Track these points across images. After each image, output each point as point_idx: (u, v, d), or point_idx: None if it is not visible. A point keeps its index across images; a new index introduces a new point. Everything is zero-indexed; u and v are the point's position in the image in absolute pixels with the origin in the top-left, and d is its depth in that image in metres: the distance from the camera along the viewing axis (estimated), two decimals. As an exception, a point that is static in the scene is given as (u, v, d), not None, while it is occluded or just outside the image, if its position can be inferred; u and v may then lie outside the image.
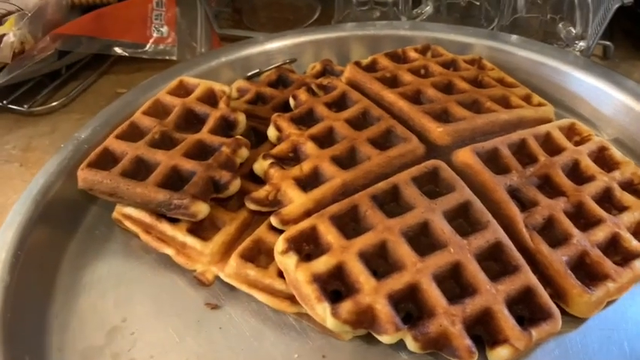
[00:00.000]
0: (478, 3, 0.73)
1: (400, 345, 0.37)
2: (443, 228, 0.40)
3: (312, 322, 0.41)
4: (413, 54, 0.60)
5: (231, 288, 0.44)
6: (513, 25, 0.69)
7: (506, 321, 0.36)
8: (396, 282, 0.37)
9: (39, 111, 0.69)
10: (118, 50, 0.69)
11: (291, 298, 0.41)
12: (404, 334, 0.36)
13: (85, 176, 0.48)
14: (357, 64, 0.57)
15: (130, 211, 0.47)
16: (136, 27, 0.69)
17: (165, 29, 0.70)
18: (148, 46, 0.70)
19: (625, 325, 0.41)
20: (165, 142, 0.50)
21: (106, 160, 0.49)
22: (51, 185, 0.50)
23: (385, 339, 0.36)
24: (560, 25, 0.64)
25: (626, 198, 0.45)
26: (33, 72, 0.68)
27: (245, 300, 0.44)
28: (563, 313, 0.40)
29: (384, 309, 0.36)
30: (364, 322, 0.36)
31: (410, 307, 0.38)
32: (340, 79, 0.56)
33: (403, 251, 0.38)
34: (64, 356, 0.41)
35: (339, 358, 0.40)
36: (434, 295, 0.37)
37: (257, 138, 0.55)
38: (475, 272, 0.38)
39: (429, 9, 0.70)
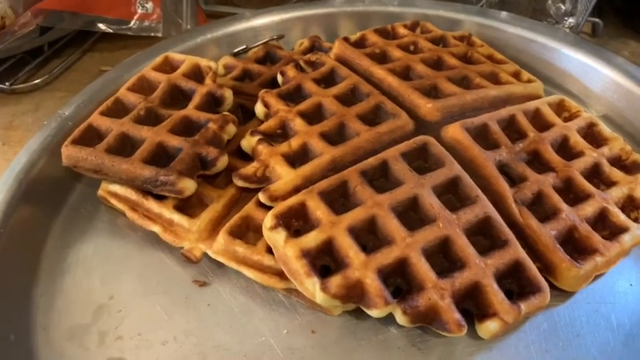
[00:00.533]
0: (467, -21, 0.73)
1: (389, 319, 0.37)
2: (432, 203, 0.40)
3: (301, 298, 0.41)
4: (402, 30, 0.59)
5: (219, 265, 0.43)
6: (503, 1, 0.68)
7: (495, 295, 0.36)
8: (386, 256, 0.37)
9: (21, 89, 0.67)
10: (101, 26, 0.68)
11: (279, 274, 0.40)
12: (393, 308, 0.36)
13: (69, 153, 0.47)
14: (346, 39, 0.56)
15: (116, 188, 0.47)
16: (120, 3, 0.68)
17: (150, 5, 0.69)
18: (132, 22, 0.69)
19: (612, 298, 0.41)
20: (150, 119, 0.49)
21: (90, 137, 0.48)
22: (34, 163, 0.49)
23: (374, 313, 0.36)
24: (549, 2, 0.63)
25: (615, 173, 0.45)
26: (14, 48, 0.66)
27: (233, 277, 0.43)
28: (552, 287, 0.40)
29: (373, 283, 0.36)
30: (354, 297, 0.36)
31: (399, 281, 0.38)
32: (329, 55, 0.56)
33: (392, 226, 0.38)
34: (49, 335, 0.41)
35: (328, 333, 0.40)
36: (423, 269, 0.36)
37: (244, 115, 0.54)
38: (464, 247, 0.38)
39: (418, -15, 0.69)
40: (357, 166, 0.42)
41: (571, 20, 0.60)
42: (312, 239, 0.38)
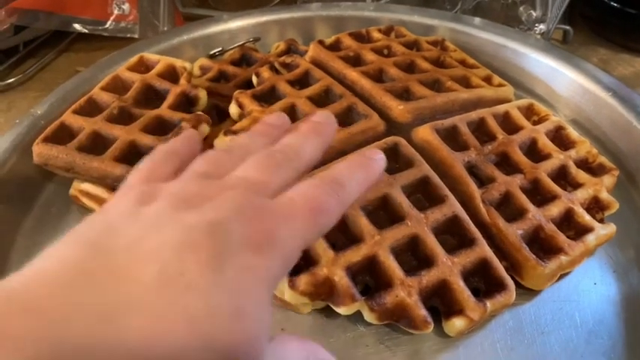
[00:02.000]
0: (442, -15, 0.74)
1: (358, 317, 0.38)
2: (401, 202, 0.40)
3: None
4: (376, 34, 0.60)
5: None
6: (476, 8, 0.69)
7: (462, 292, 0.37)
8: (354, 254, 0.37)
9: (-6, 88, 0.67)
10: (77, 27, 0.67)
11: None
12: (361, 306, 0.36)
13: (40, 151, 0.47)
14: (321, 42, 0.57)
15: (88, 187, 0.47)
16: (96, 3, 0.68)
17: (126, 6, 0.69)
18: (108, 23, 0.68)
19: (577, 297, 0.42)
20: (123, 118, 0.49)
21: (62, 135, 0.48)
22: (4, 161, 0.49)
23: (342, 310, 0.36)
24: (521, 9, 0.65)
25: (581, 175, 0.46)
26: (-13, 47, 0.66)
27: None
28: (519, 285, 0.41)
29: (341, 280, 0.36)
30: (322, 294, 0.36)
31: (367, 279, 0.38)
32: (304, 58, 0.56)
33: (362, 224, 0.39)
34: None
35: (297, 331, 0.40)
36: (391, 267, 0.37)
37: (219, 115, 0.54)
38: (432, 245, 0.38)
39: (393, -10, 0.70)
40: (328, 166, 0.43)
41: (542, 27, 0.62)
42: (281, 237, 0.38)
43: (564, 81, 0.57)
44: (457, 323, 0.37)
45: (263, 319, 0.23)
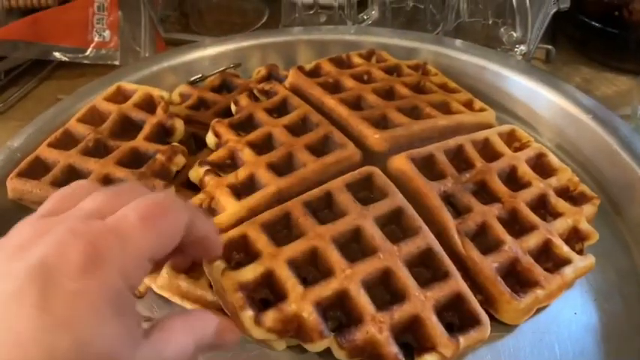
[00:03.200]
0: (423, 7, 0.74)
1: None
2: (374, 234, 0.40)
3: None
4: (357, 59, 0.60)
5: (165, 300, 0.43)
6: (457, 29, 0.69)
7: (434, 328, 0.36)
8: (324, 289, 0.37)
9: (-26, 118, 0.67)
10: (57, 55, 0.67)
11: (223, 311, 0.40)
12: (330, 342, 0.36)
13: (15, 186, 0.46)
14: (300, 69, 0.57)
15: (62, 221, 0.46)
16: (76, 31, 0.68)
17: (107, 33, 0.69)
18: (89, 50, 0.68)
19: (556, 328, 0.41)
20: (99, 150, 0.49)
21: (37, 169, 0.48)
22: (-21, 195, 0.49)
23: (311, 347, 0.36)
24: (502, 30, 0.64)
25: (561, 204, 0.45)
26: (-33, 78, 0.66)
27: (179, 312, 0.43)
28: (496, 319, 0.40)
29: (310, 317, 0.35)
30: (290, 331, 0.36)
31: (339, 314, 0.38)
32: (284, 84, 0.56)
33: (333, 258, 0.38)
34: None
35: (272, 368, 0.39)
36: (362, 302, 0.36)
37: (197, 144, 0.54)
38: (404, 279, 0.38)
39: (374, 13, 0.70)
40: (301, 197, 0.42)
41: (522, 48, 0.62)
42: (250, 272, 0.37)
43: (545, 103, 0.57)
44: (429, 360, 0.36)
45: (114, 334, 0.24)
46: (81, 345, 0.23)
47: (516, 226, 0.44)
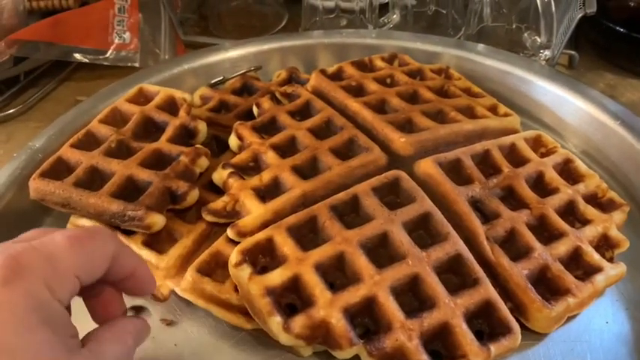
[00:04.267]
0: (445, 12, 0.73)
1: (359, 361, 0.36)
2: (402, 239, 0.39)
3: (270, 338, 0.40)
4: (379, 63, 0.59)
5: (188, 303, 0.42)
6: (480, 34, 0.68)
7: (465, 336, 0.35)
8: (352, 295, 0.36)
9: (-6, 119, 0.67)
10: (78, 56, 0.67)
11: (248, 314, 0.39)
12: (359, 349, 0.35)
13: (37, 186, 0.46)
14: (323, 72, 0.56)
15: (84, 222, 0.46)
16: (96, 33, 0.68)
17: (127, 35, 0.69)
18: (109, 52, 0.68)
19: (588, 336, 0.41)
20: (122, 152, 0.48)
21: (59, 170, 0.47)
22: (1, 196, 0.48)
23: (339, 354, 0.35)
24: (525, 35, 0.64)
25: (590, 211, 0.45)
26: (-14, 78, 0.66)
27: (202, 315, 0.42)
28: (526, 327, 0.39)
29: (338, 323, 0.35)
30: (318, 337, 0.35)
31: (367, 321, 0.37)
32: (306, 87, 0.56)
33: (361, 263, 0.37)
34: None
35: (297, 376, 0.39)
36: (391, 308, 0.36)
37: (219, 147, 0.53)
38: (433, 285, 0.37)
39: (395, 17, 0.70)
40: (327, 200, 0.42)
41: (547, 53, 0.61)
42: (277, 276, 0.37)
43: (571, 109, 0.56)
44: (460, 368, 0.35)
45: (41, 341, 0.25)
46: (5, 351, 0.23)
47: (545, 232, 0.43)
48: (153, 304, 0.43)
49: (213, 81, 0.62)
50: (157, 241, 0.45)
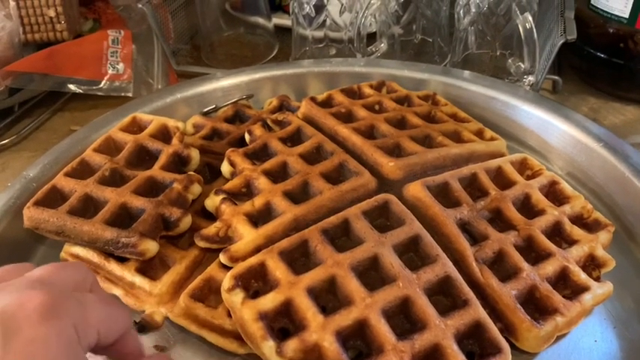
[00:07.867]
0: (431, 40, 0.75)
1: (353, 383, 0.37)
2: (392, 262, 0.40)
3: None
4: (368, 90, 0.61)
5: (181, 329, 0.42)
6: (465, 61, 0.70)
7: (456, 357, 0.36)
8: (344, 318, 0.36)
9: (-12, 149, 0.67)
10: (72, 87, 0.68)
11: (241, 339, 0.40)
12: (351, 372, 0.35)
13: (31, 214, 0.46)
14: (313, 99, 0.57)
15: (78, 250, 0.46)
16: (90, 64, 0.69)
17: (121, 66, 0.70)
18: (103, 82, 0.69)
19: (577, 355, 0.41)
20: (115, 180, 0.49)
21: (53, 198, 0.48)
22: (-4, 225, 0.49)
23: (332, 377, 0.35)
24: (509, 61, 0.65)
25: (576, 232, 0.46)
26: (-19, 110, 0.66)
27: (195, 341, 0.42)
28: (516, 347, 0.40)
29: (331, 346, 0.35)
30: (311, 360, 0.36)
31: (359, 344, 0.37)
32: (296, 114, 0.57)
33: (352, 286, 0.38)
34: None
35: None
36: (382, 330, 0.36)
37: (212, 174, 0.54)
38: (424, 307, 0.37)
39: (383, 46, 0.71)
40: (319, 224, 0.42)
41: (530, 78, 0.62)
42: (269, 301, 0.37)
43: (556, 132, 0.57)
44: (452, 388, 0.36)
45: None
46: None
47: (532, 253, 0.44)
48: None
49: (205, 109, 0.63)
50: (150, 268, 0.45)
